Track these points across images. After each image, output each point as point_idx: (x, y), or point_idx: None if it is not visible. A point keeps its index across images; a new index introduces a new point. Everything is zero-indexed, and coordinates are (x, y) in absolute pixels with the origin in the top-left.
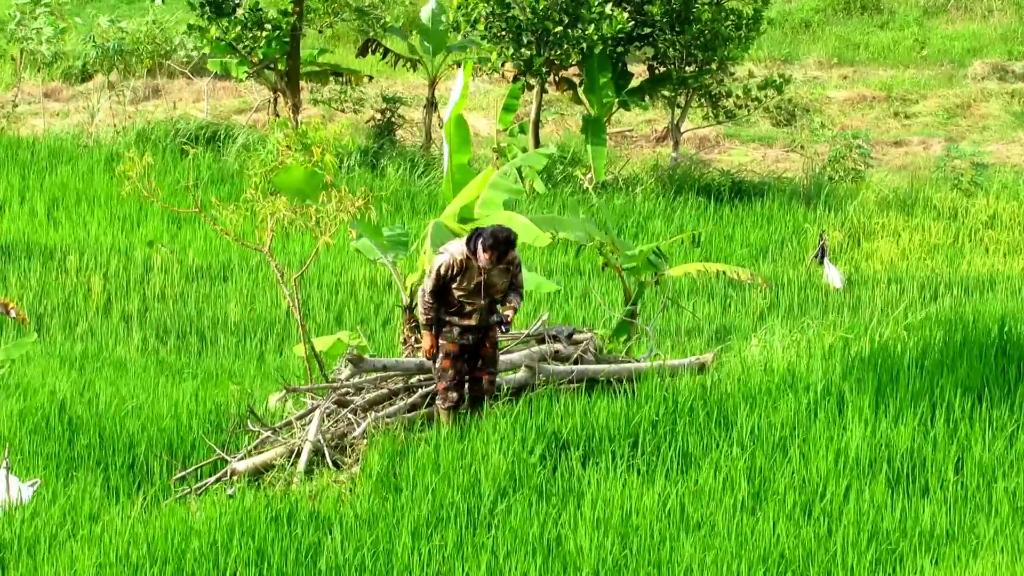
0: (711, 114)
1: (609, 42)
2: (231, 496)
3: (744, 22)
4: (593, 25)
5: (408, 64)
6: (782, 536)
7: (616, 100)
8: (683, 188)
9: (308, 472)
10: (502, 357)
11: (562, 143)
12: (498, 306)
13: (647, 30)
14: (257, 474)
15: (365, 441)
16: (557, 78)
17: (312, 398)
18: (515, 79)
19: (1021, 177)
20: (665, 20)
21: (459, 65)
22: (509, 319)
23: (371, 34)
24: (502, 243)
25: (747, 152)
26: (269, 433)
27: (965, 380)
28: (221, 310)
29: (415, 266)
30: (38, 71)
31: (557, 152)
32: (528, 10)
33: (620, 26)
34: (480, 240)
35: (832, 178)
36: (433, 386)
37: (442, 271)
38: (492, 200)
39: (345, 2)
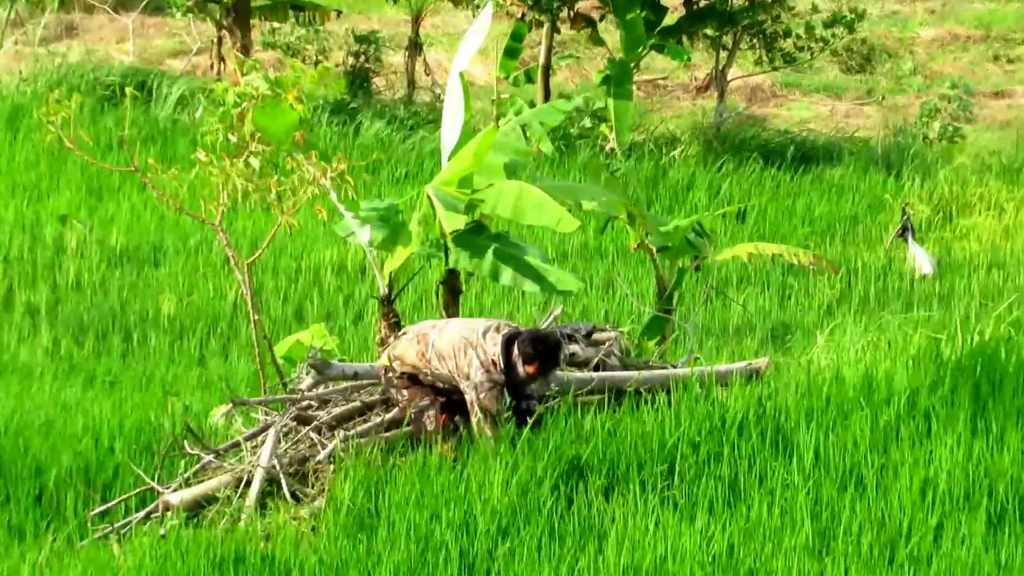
0: (765, 58)
1: None
2: (163, 536)
3: None
4: None
5: None
6: None
7: (647, 41)
8: (730, 150)
9: (261, 506)
10: None
11: (579, 95)
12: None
13: None
14: (196, 508)
15: (332, 467)
16: (572, 13)
17: (266, 413)
18: (521, 16)
19: None
20: None
21: None
22: (535, 408)
23: None
24: (549, 355)
25: (810, 105)
26: (211, 457)
27: None
28: (151, 302)
29: (397, 246)
30: None
31: (582, 104)
32: None
33: None
34: (518, 347)
35: (920, 138)
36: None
37: (498, 399)
38: (492, 165)
39: None
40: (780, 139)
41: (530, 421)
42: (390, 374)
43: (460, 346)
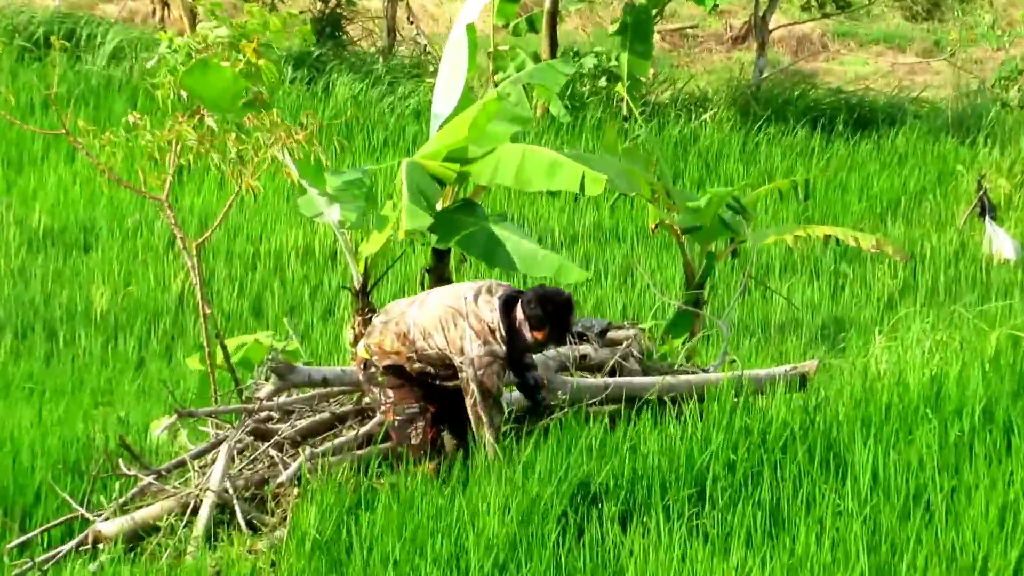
0: (814, 3)
1: None
2: (95, 573)
3: None
4: None
5: None
6: None
7: None
8: (772, 113)
9: (210, 536)
10: None
11: (591, 46)
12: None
13: None
14: (134, 539)
15: (296, 490)
16: None
17: (217, 427)
18: None
19: None
20: None
21: None
22: (546, 384)
23: None
24: (560, 316)
25: (868, 59)
26: (152, 479)
27: None
28: (81, 294)
29: (373, 228)
30: None
31: (594, 63)
32: None
33: None
34: (523, 309)
35: (998, 103)
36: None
37: (500, 375)
38: (490, 131)
39: None
40: (831, 99)
41: (544, 403)
42: (371, 370)
43: (447, 317)
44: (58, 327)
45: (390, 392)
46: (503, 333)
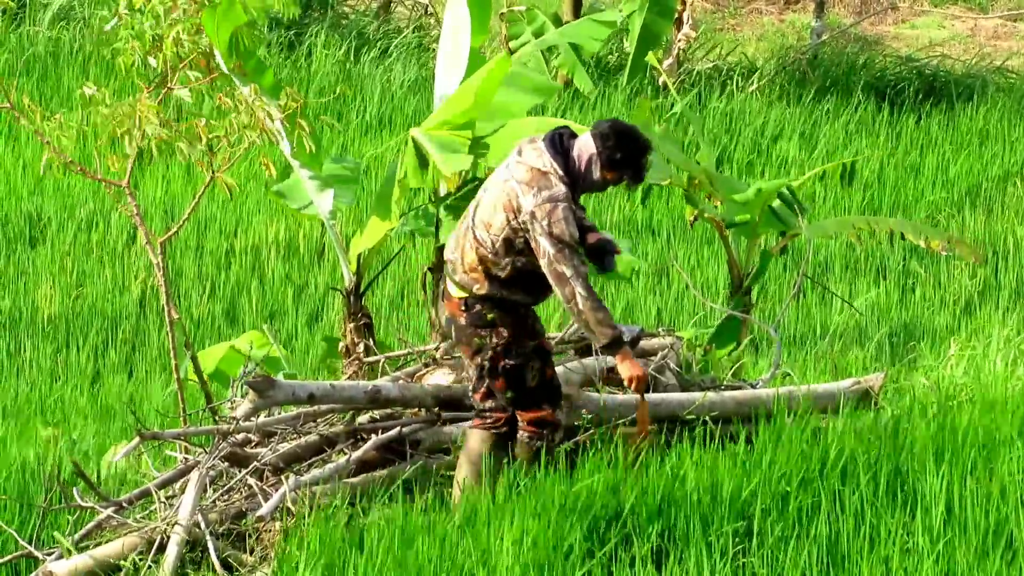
0: None
1: None
2: None
3: None
4: None
5: None
6: None
7: None
8: (831, 84)
9: None
10: None
11: (615, 3)
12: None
13: None
14: None
15: (279, 525)
16: None
17: (186, 451)
18: None
19: None
20: None
21: None
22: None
23: None
24: (640, 154)
25: (944, 23)
26: (111, 511)
27: None
28: (26, 297)
29: (367, 221)
30: None
31: (621, 20)
32: None
33: None
34: (597, 145)
35: None
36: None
37: (570, 219)
38: (504, 104)
39: None
40: (900, 69)
41: (611, 268)
42: (476, 308)
43: (499, 191)
44: (1, 333)
45: (503, 331)
46: (560, 172)
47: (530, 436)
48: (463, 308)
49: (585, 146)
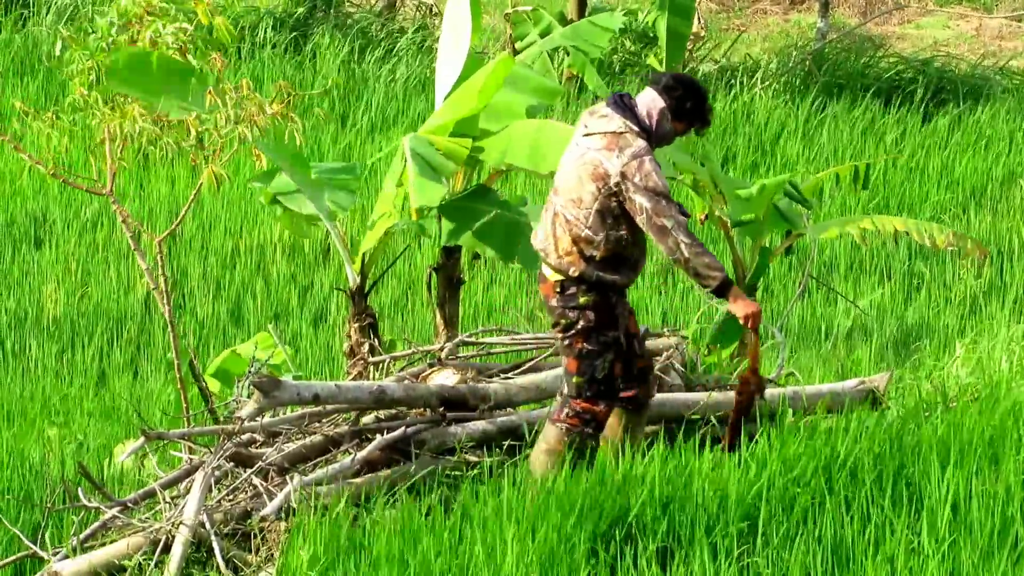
0: None
1: None
2: None
3: None
4: None
5: None
6: None
7: None
8: (836, 84)
9: None
10: (519, 381)
11: (622, 2)
12: None
13: None
14: None
15: (284, 525)
16: None
17: (191, 451)
18: None
19: None
20: None
21: None
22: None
23: None
24: (704, 102)
25: (948, 22)
26: (116, 511)
27: None
28: (32, 297)
29: (370, 222)
30: None
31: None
32: None
33: None
34: (666, 98)
35: None
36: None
37: (659, 170)
38: (507, 105)
39: None
40: (906, 69)
41: None
42: (571, 290)
43: (579, 166)
44: (5, 335)
45: (591, 314)
46: (635, 128)
47: (568, 428)
48: (557, 290)
49: (652, 101)
